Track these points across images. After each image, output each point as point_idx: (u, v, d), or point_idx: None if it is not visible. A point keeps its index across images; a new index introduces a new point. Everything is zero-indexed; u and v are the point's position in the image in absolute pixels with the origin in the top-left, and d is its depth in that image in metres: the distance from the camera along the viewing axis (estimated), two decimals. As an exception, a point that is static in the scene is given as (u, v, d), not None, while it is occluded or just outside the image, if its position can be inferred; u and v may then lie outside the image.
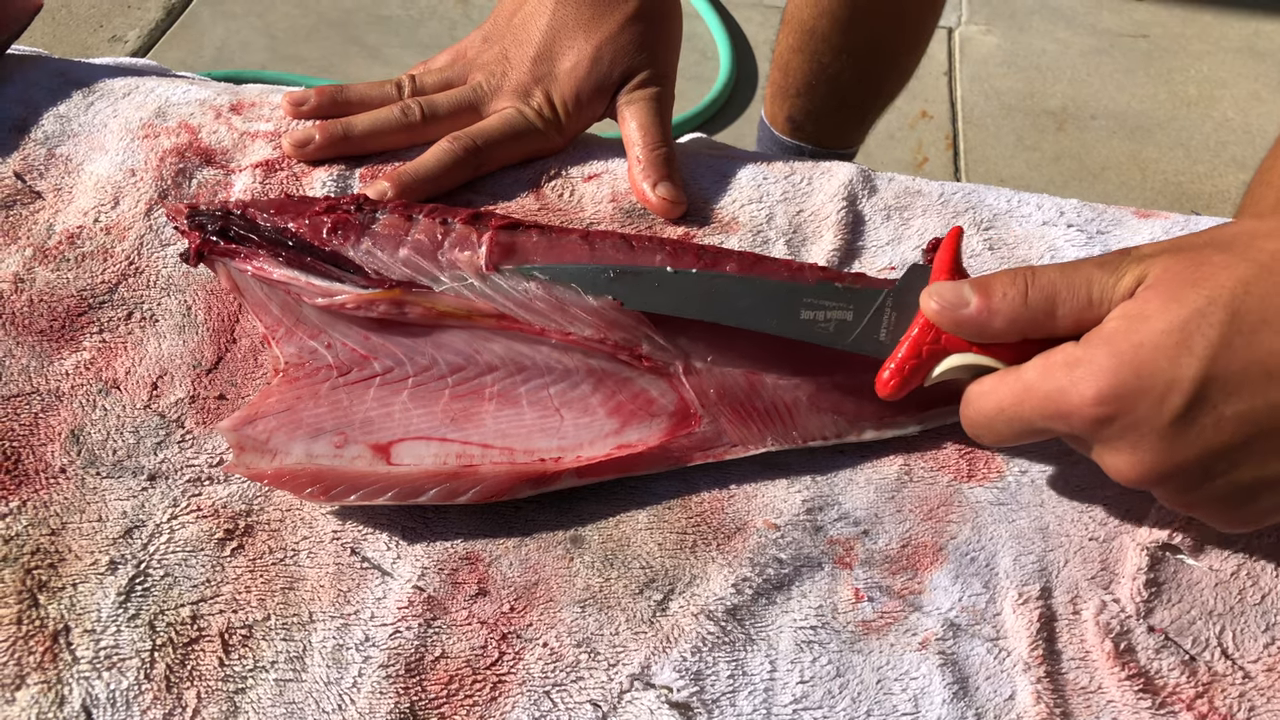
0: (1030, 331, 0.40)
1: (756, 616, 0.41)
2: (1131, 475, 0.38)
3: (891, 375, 0.42)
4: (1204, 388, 0.35)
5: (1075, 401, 0.37)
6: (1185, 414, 0.36)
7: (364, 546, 0.43)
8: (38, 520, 0.42)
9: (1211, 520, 0.40)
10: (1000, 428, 0.40)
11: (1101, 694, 0.40)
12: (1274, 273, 0.36)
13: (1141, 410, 0.36)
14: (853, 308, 0.44)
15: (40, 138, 0.57)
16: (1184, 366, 0.35)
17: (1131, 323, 0.37)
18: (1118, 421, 0.37)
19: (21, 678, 0.38)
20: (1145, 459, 0.37)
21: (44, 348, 0.48)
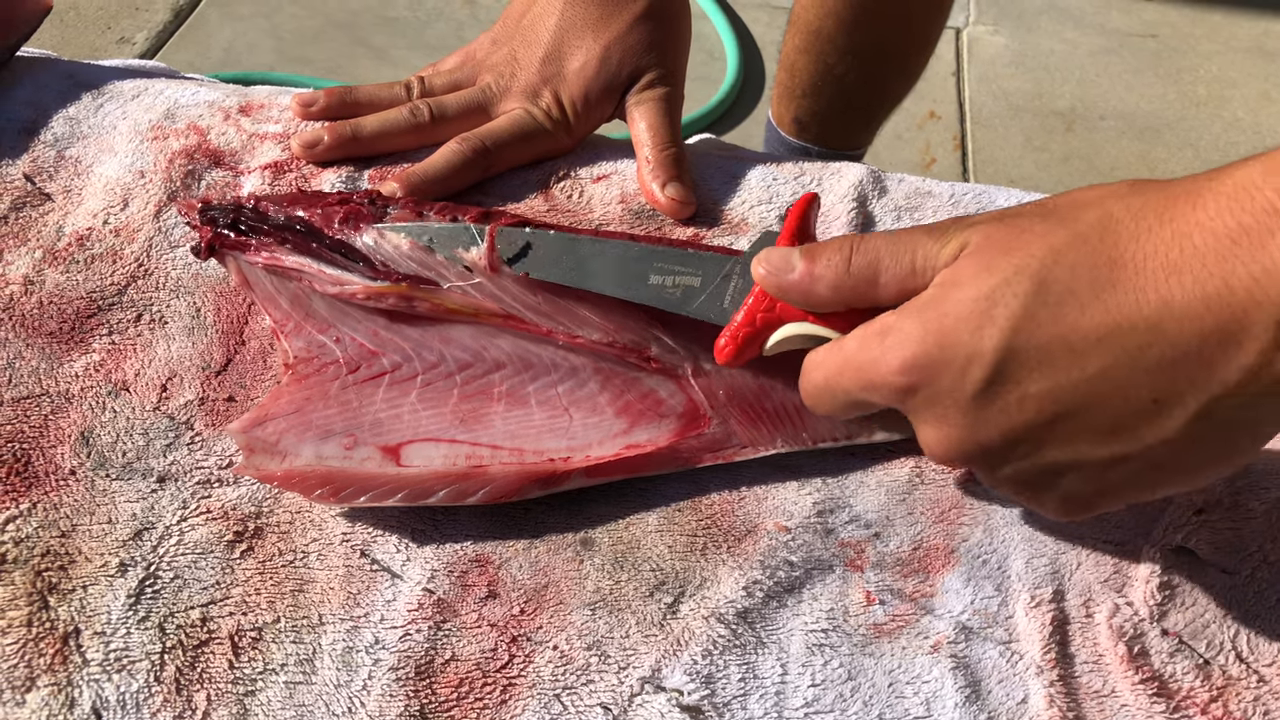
0: (854, 299, 0.38)
1: (767, 619, 0.41)
2: (938, 450, 0.37)
3: (727, 342, 0.42)
4: (1005, 361, 0.34)
5: (883, 371, 0.36)
6: (986, 388, 0.34)
7: (374, 549, 0.42)
8: (48, 522, 0.42)
9: (1036, 506, 0.38)
10: (828, 400, 0.39)
11: (1115, 698, 0.40)
12: (1088, 241, 0.33)
13: (944, 382, 0.35)
14: (701, 274, 0.43)
15: (50, 140, 0.57)
16: (986, 338, 0.34)
17: (944, 290, 0.35)
18: (921, 393, 0.36)
19: (32, 680, 0.38)
20: (949, 434, 0.36)
21: (53, 350, 0.48)
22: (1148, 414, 0.32)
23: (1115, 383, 0.32)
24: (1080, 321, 0.32)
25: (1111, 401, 0.33)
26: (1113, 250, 0.32)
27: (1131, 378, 0.32)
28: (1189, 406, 0.32)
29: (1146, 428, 0.33)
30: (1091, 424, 0.33)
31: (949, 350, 0.35)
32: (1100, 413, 0.33)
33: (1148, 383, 0.32)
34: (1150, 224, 0.32)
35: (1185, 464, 0.34)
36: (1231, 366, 0.31)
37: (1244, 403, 0.31)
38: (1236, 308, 0.30)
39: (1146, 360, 0.32)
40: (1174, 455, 0.33)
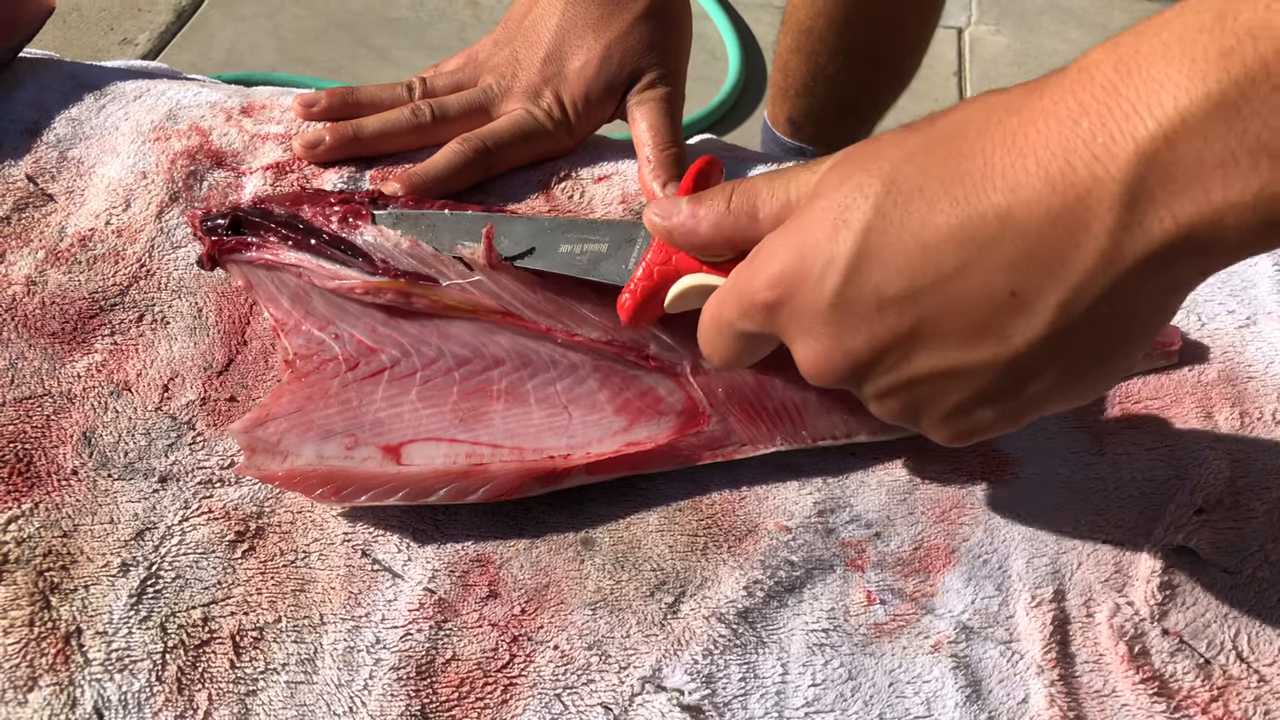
0: (736, 236, 0.39)
1: (768, 619, 0.41)
2: (811, 369, 0.36)
3: (630, 298, 0.42)
4: (859, 264, 0.33)
5: (753, 290, 0.36)
6: (844, 292, 0.33)
7: (375, 549, 0.43)
8: (50, 522, 0.42)
9: (922, 429, 0.37)
10: (717, 340, 0.39)
11: (1115, 697, 0.40)
12: (939, 141, 0.32)
13: (805, 293, 0.34)
14: (608, 240, 0.44)
15: (52, 140, 0.57)
16: (840, 242, 0.33)
17: (805, 206, 0.35)
18: (786, 307, 0.35)
19: (34, 679, 0.38)
20: (817, 348, 0.35)
21: (56, 350, 0.48)
22: (1010, 310, 0.31)
23: (973, 278, 0.31)
24: (931, 218, 0.32)
25: (972, 299, 0.32)
26: (962, 145, 0.32)
27: (988, 271, 0.31)
28: (1049, 299, 0.31)
29: (1011, 326, 0.32)
30: (955, 326, 0.32)
31: (807, 260, 0.34)
32: (962, 312, 0.32)
33: (1004, 276, 0.31)
34: (1000, 117, 0.31)
35: (1065, 369, 0.33)
36: (1083, 251, 0.30)
37: (1105, 292, 0.30)
38: (1080, 187, 0.29)
39: (1000, 252, 0.31)
40: (1049, 358, 0.32)
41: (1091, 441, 0.47)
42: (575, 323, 0.45)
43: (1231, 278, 0.53)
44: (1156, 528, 0.44)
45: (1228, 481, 0.45)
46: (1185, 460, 0.46)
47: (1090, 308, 0.30)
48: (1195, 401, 0.48)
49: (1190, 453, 0.46)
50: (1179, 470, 0.46)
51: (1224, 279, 0.53)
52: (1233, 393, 0.48)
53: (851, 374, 0.36)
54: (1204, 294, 0.52)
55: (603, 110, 0.58)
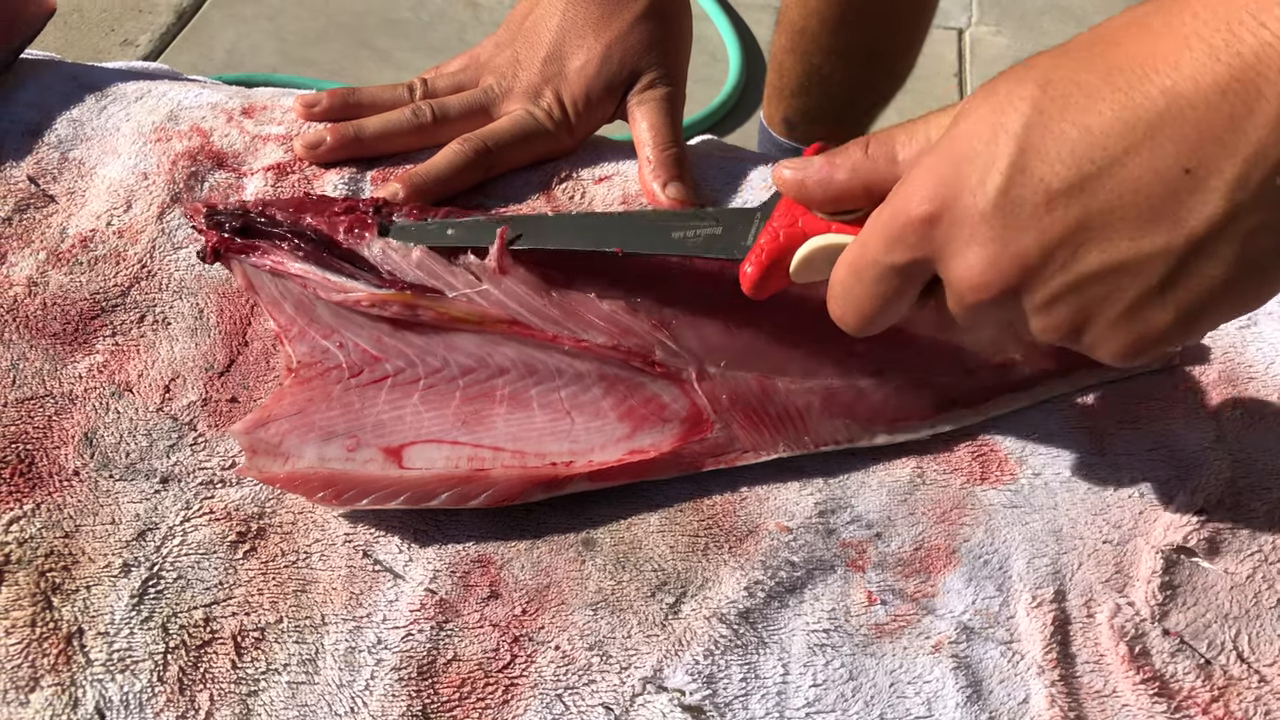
0: (875, 180, 0.38)
1: (769, 619, 0.41)
2: (976, 279, 0.34)
3: (752, 266, 0.41)
4: (1022, 159, 0.32)
5: (906, 213, 0.35)
6: (1008, 191, 0.33)
7: (376, 549, 0.43)
8: (51, 523, 0.42)
9: (1091, 346, 0.35)
10: (857, 288, 0.37)
11: (1116, 698, 0.40)
12: (1086, 48, 0.32)
13: (964, 199, 0.33)
14: (722, 225, 0.43)
15: (53, 141, 0.57)
16: (1000, 144, 0.33)
17: (954, 125, 0.34)
18: (945, 218, 0.34)
19: (36, 680, 0.38)
20: (983, 254, 0.34)
21: (57, 351, 0.48)
22: (1184, 188, 0.30)
23: (1143, 160, 0.31)
24: (1093, 105, 0.31)
25: (1144, 181, 0.31)
26: (1111, 45, 0.32)
27: (1158, 151, 0.30)
28: (1225, 173, 0.30)
29: (1186, 206, 0.31)
30: (1128, 213, 0.31)
31: (964, 168, 0.33)
32: (1134, 197, 0.31)
33: (1176, 153, 0.30)
34: (1146, 13, 0.32)
35: (1241, 255, 0.31)
36: (1257, 119, 0.29)
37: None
38: (1248, 54, 0.29)
39: (1170, 130, 0.30)
40: (1226, 241, 0.31)
41: (1092, 442, 0.47)
42: (582, 328, 0.45)
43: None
44: (1157, 528, 0.44)
45: (1228, 482, 0.45)
46: (1186, 461, 0.46)
47: (1265, 179, 0.30)
48: (1196, 402, 0.48)
49: (1191, 453, 0.46)
50: (1180, 471, 0.46)
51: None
52: (1233, 393, 0.48)
53: (1020, 279, 0.34)
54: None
55: (603, 110, 0.58)
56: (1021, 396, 0.48)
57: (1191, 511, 0.44)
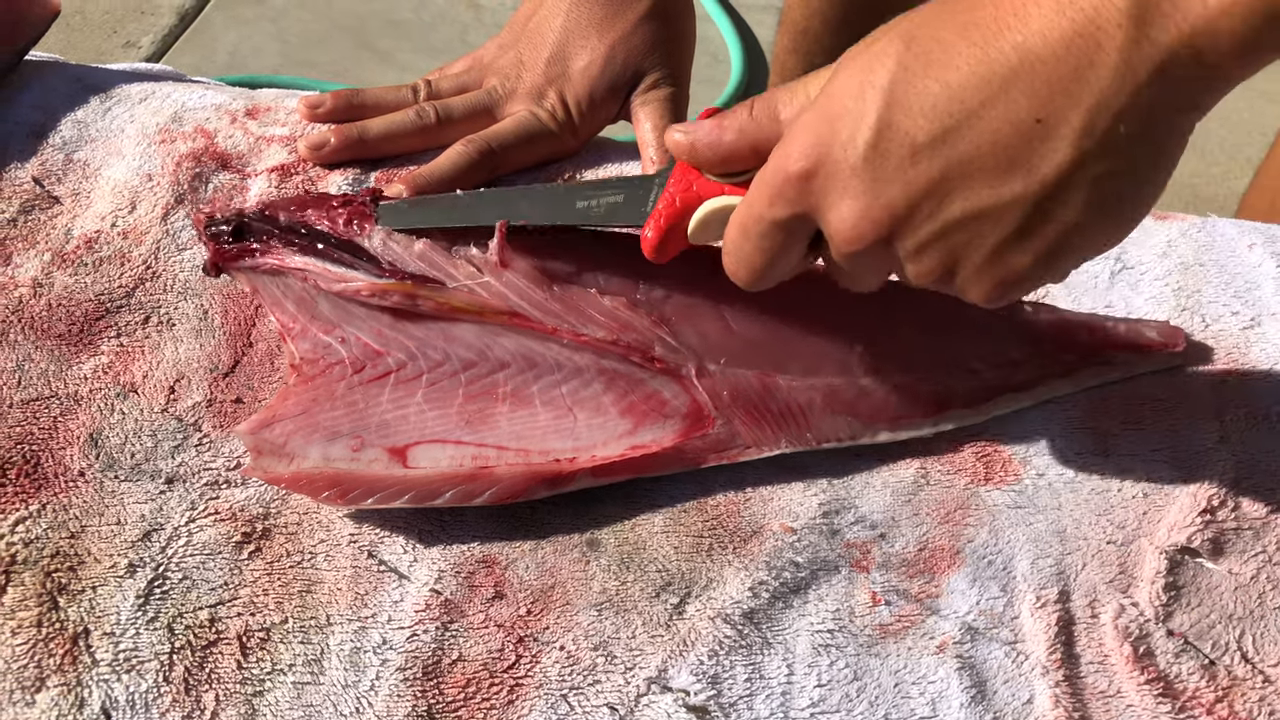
0: (761, 139, 0.39)
1: (773, 620, 0.41)
2: (850, 230, 0.36)
3: (653, 230, 0.42)
4: (888, 114, 0.34)
5: (784, 166, 0.36)
6: (877, 145, 0.35)
7: (381, 550, 0.43)
8: (57, 523, 0.42)
9: (960, 289, 0.37)
10: (745, 245, 0.39)
11: (1120, 698, 0.40)
12: (947, 5, 0.35)
13: (837, 153, 0.35)
14: (624, 193, 0.44)
15: (58, 143, 0.57)
16: (868, 100, 0.34)
17: (828, 83, 0.36)
18: (820, 172, 0.36)
19: (42, 680, 0.38)
20: (855, 206, 0.36)
21: (62, 352, 0.48)
22: (1036, 137, 0.33)
23: (998, 112, 0.33)
24: (952, 61, 0.33)
25: (999, 133, 0.33)
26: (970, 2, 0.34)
27: (1011, 103, 0.33)
28: (1072, 122, 0.32)
29: (1038, 154, 0.33)
30: (986, 163, 0.34)
31: (837, 123, 0.35)
32: (991, 148, 0.33)
33: (1027, 104, 0.32)
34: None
35: (1092, 199, 0.34)
36: (1099, 70, 0.31)
37: (1122, 109, 0.32)
38: (1089, 9, 0.31)
39: (1021, 83, 0.32)
40: (1076, 187, 0.33)
41: (1096, 442, 0.47)
42: (582, 322, 0.45)
43: (1235, 279, 0.53)
44: (1161, 529, 0.44)
45: (1232, 483, 0.45)
46: (1190, 461, 0.46)
47: (1110, 127, 0.32)
48: (1199, 402, 0.48)
49: (1195, 454, 0.46)
50: (1183, 471, 0.46)
51: (1228, 280, 0.53)
52: (1237, 394, 0.48)
53: (889, 228, 0.36)
54: (1208, 295, 0.52)
55: (606, 110, 0.58)
56: (1024, 396, 0.48)
57: (1195, 512, 0.44)
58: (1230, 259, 0.54)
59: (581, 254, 0.46)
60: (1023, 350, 0.48)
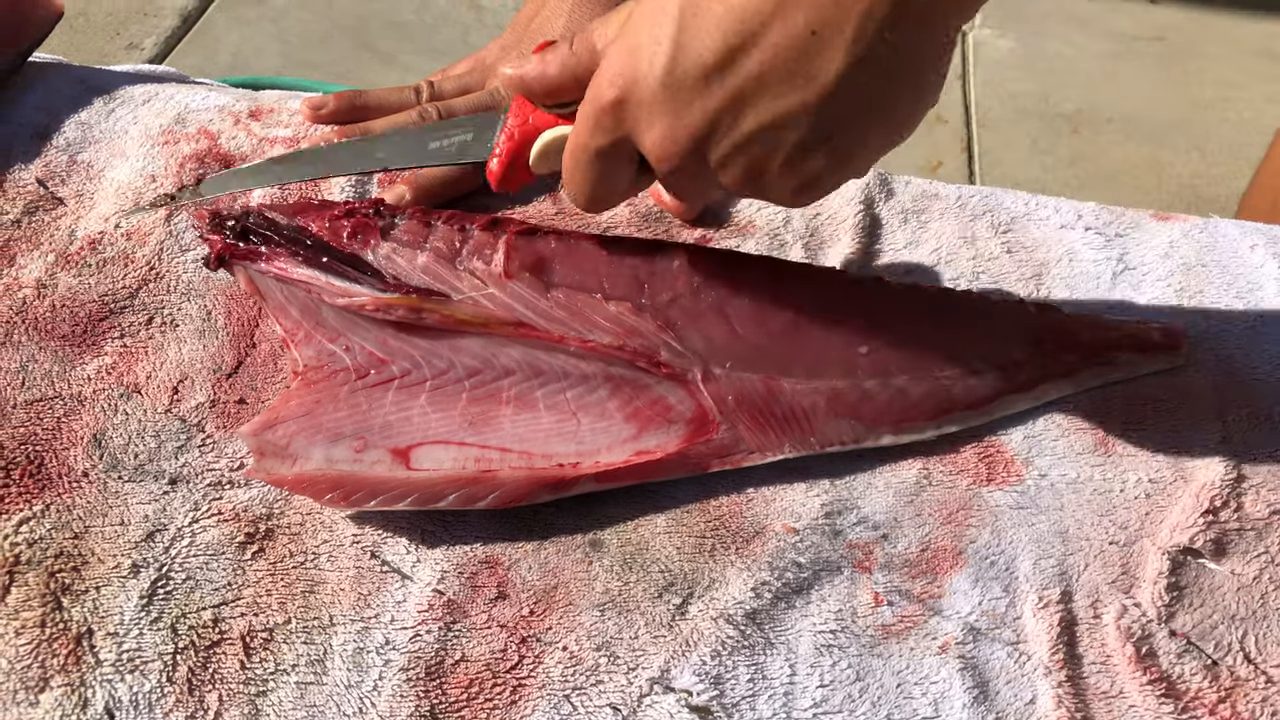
0: (581, 71, 0.41)
1: (776, 620, 0.41)
2: (660, 152, 0.38)
3: (497, 163, 0.44)
4: (680, 38, 0.36)
5: (598, 100, 0.38)
6: (672, 70, 0.37)
7: (384, 550, 0.43)
8: (61, 524, 0.42)
9: (771, 194, 0.40)
10: (577, 172, 0.41)
11: (1123, 698, 0.40)
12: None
13: (640, 81, 0.37)
14: (472, 131, 0.46)
15: (62, 144, 0.57)
16: (662, 27, 0.37)
17: (631, 13, 0.39)
18: (629, 101, 0.38)
19: (45, 680, 0.38)
20: (661, 129, 0.38)
21: (66, 352, 0.48)
22: (813, 49, 0.35)
23: (777, 27, 0.35)
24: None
25: (780, 46, 0.35)
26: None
27: (788, 19, 0.35)
28: (844, 32, 0.34)
29: (816, 65, 0.35)
30: (770, 78, 0.36)
31: (638, 51, 0.37)
32: (774, 63, 0.35)
33: (803, 19, 0.35)
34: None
35: (869, 104, 0.36)
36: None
37: (887, 17, 0.34)
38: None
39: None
40: (854, 93, 0.36)
41: (1098, 443, 0.47)
42: (587, 329, 0.45)
43: (1237, 280, 0.53)
44: (1163, 529, 0.44)
45: (1234, 483, 0.45)
46: (1192, 462, 0.46)
47: (877, 35, 0.35)
48: (1201, 403, 0.48)
49: (1197, 454, 0.46)
50: (1185, 471, 0.46)
51: (1230, 281, 0.53)
52: (1239, 394, 0.48)
53: (694, 148, 0.38)
54: (1210, 296, 0.52)
55: None
56: (1026, 398, 0.48)
57: (1198, 513, 0.44)
58: (1232, 260, 0.54)
59: (586, 260, 0.46)
60: (1025, 351, 0.48)
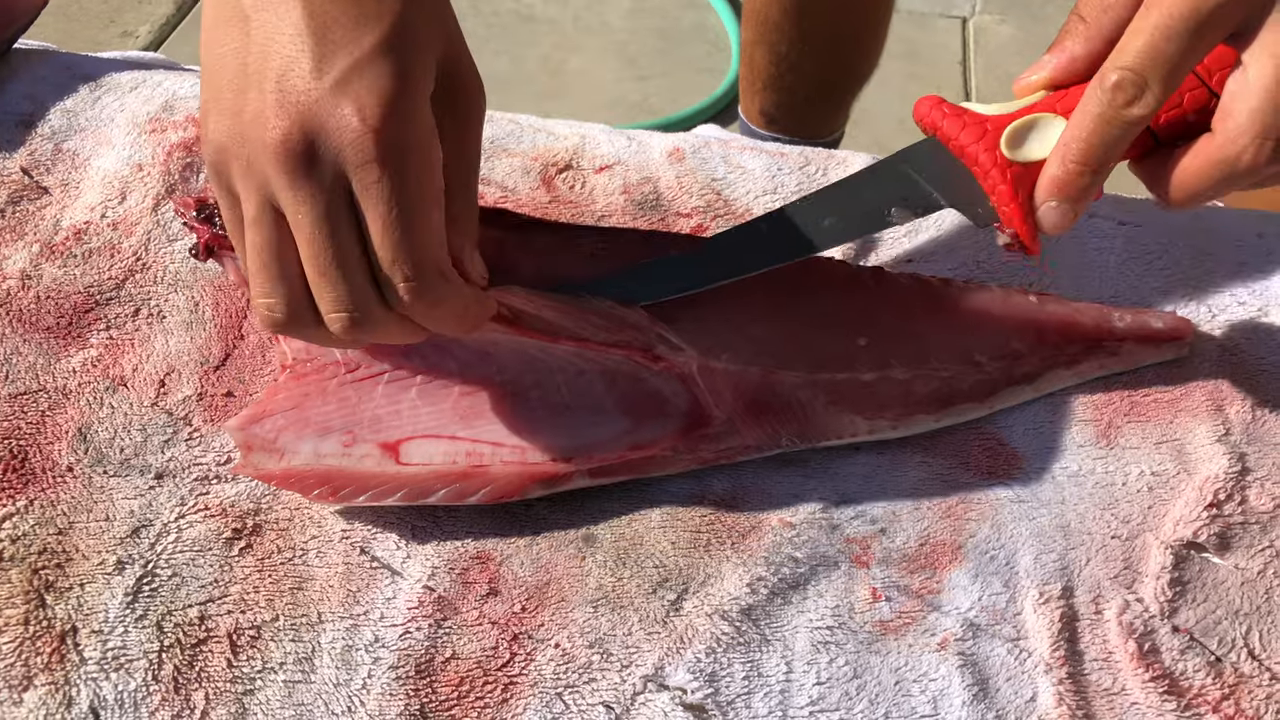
0: (1103, 38, 0.38)
1: (772, 616, 0.41)
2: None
3: (1013, 225, 0.39)
4: None
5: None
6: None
7: (373, 546, 0.42)
8: (45, 519, 0.42)
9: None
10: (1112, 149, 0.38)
11: (1125, 695, 0.39)
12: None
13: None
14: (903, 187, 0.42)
15: (47, 133, 0.56)
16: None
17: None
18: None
19: (29, 679, 0.38)
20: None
21: (51, 345, 0.47)
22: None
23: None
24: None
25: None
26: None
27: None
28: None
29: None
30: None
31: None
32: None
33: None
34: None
35: None
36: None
37: None
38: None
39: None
40: None
41: (1099, 436, 0.46)
42: (582, 325, 0.44)
43: (1243, 269, 0.52)
44: (1166, 524, 0.43)
45: (1238, 476, 0.44)
46: (1195, 455, 0.45)
47: None
48: (1206, 394, 0.47)
49: (1200, 447, 0.45)
50: (1188, 465, 0.45)
51: (1236, 270, 0.52)
52: (1244, 386, 0.48)
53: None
54: (1215, 285, 0.51)
55: None
56: (1027, 390, 0.47)
57: (1201, 507, 0.43)
58: (1238, 248, 0.53)
59: (581, 255, 0.46)
60: (1026, 341, 0.47)
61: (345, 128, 0.34)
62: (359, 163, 0.34)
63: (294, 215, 0.35)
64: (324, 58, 0.34)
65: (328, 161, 0.34)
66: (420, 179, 0.35)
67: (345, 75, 0.34)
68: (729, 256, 0.45)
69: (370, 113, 0.34)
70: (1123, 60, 0.36)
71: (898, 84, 1.62)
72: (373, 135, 0.34)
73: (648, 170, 0.56)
